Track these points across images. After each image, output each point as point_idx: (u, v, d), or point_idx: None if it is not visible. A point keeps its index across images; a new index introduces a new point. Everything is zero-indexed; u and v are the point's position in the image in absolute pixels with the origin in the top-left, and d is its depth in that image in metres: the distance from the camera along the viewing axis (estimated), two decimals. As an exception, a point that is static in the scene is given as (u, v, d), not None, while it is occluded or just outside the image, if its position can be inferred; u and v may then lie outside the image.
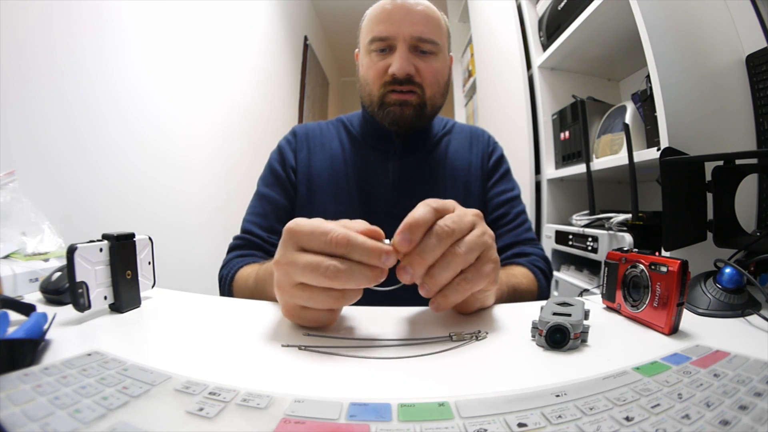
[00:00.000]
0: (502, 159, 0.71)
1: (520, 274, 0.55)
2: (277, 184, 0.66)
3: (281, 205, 0.65)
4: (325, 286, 0.31)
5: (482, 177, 0.68)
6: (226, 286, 0.56)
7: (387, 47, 0.59)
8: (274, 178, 0.66)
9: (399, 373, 0.27)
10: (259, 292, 0.49)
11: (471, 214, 0.34)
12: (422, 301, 0.36)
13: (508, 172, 0.70)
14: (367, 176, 0.64)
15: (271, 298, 0.45)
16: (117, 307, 0.39)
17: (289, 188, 0.65)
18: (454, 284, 0.33)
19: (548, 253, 0.65)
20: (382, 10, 0.60)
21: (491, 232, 0.36)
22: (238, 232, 0.65)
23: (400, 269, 0.32)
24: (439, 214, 0.32)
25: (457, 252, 0.32)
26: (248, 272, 0.54)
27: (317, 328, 0.35)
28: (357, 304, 0.43)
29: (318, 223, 0.32)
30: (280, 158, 0.68)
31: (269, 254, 0.61)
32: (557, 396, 0.22)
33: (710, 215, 0.52)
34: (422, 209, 0.32)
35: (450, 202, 0.34)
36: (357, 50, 0.66)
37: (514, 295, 0.50)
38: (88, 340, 0.32)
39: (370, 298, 0.53)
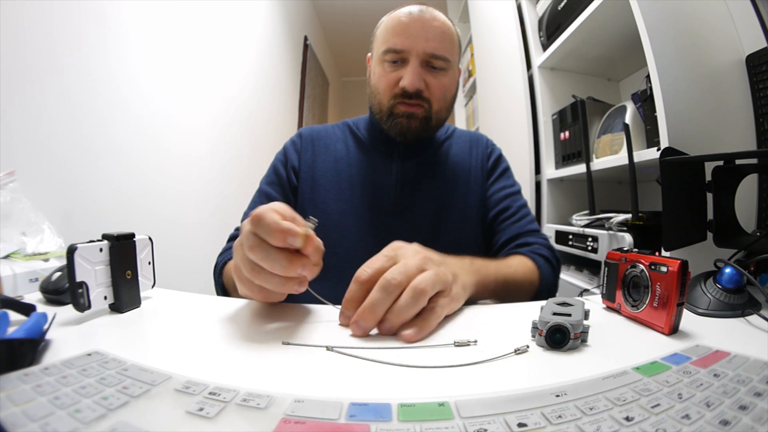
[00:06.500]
0: (500, 158, 0.73)
1: (516, 264, 0.55)
2: (277, 182, 0.68)
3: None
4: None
5: (482, 177, 0.70)
6: (217, 272, 0.59)
7: (400, 59, 0.60)
8: (275, 177, 0.68)
9: (399, 373, 0.27)
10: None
11: (418, 258, 0.36)
12: None
13: (507, 170, 0.72)
14: (371, 176, 0.66)
15: None
16: (117, 307, 0.39)
17: (287, 188, 0.67)
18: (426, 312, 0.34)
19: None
20: (399, 22, 0.60)
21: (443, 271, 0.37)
22: (237, 232, 0.66)
23: (352, 324, 0.34)
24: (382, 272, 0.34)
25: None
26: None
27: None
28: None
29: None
30: (284, 158, 0.70)
31: None
32: (557, 396, 0.22)
33: (710, 215, 0.52)
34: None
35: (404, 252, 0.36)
36: (369, 54, 0.67)
37: (507, 287, 0.50)
38: (88, 340, 0.32)
39: None
